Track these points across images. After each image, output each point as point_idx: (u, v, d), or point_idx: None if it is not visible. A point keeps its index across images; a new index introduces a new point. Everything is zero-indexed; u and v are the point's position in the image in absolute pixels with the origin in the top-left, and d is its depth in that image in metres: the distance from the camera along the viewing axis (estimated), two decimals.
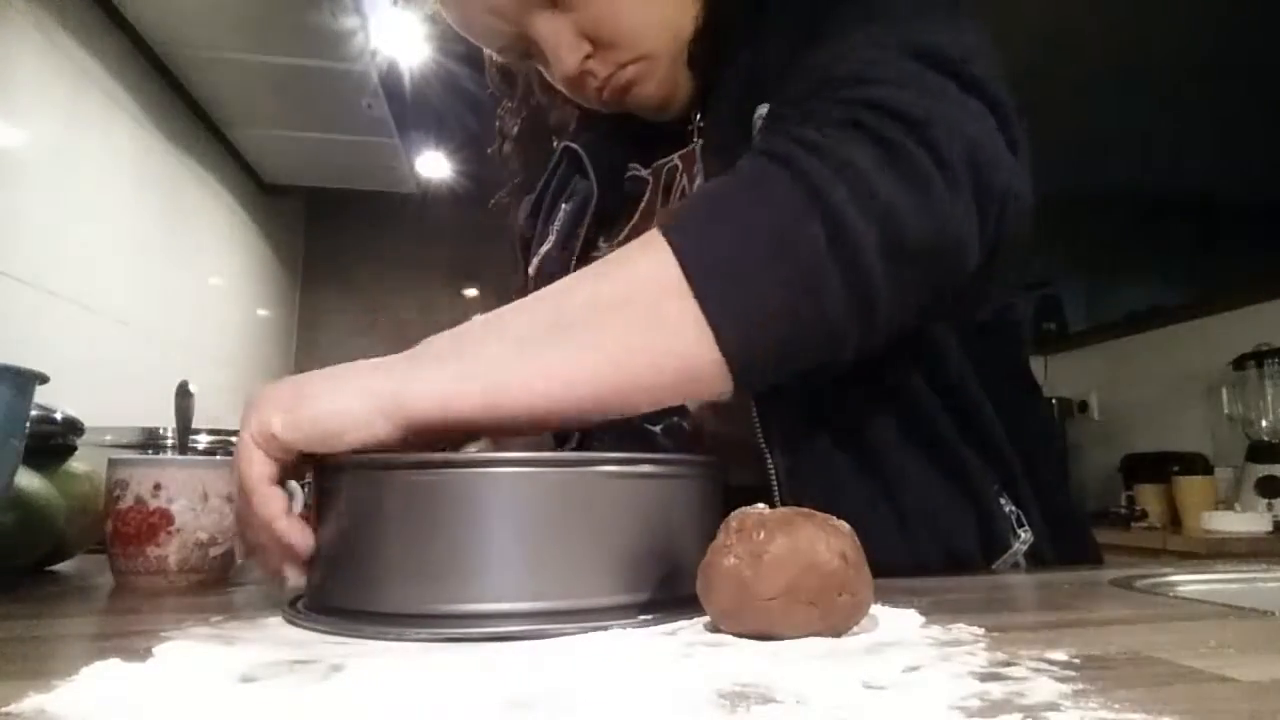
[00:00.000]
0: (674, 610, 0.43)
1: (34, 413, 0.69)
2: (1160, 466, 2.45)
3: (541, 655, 0.35)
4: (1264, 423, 2.31)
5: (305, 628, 0.41)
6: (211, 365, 2.68)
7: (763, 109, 0.57)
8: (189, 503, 0.57)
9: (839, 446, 0.60)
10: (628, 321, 0.44)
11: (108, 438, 1.37)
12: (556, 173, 0.83)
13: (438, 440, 0.45)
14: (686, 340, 0.44)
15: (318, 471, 0.46)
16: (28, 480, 0.61)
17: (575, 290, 0.47)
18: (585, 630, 0.39)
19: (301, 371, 0.47)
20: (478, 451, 0.50)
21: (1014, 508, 0.63)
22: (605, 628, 0.39)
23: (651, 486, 0.44)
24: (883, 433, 0.60)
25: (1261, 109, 3.13)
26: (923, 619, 0.42)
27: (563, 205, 0.80)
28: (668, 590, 0.43)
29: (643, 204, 0.74)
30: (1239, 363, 2.41)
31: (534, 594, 0.40)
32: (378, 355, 0.48)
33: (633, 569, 0.42)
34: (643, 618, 0.41)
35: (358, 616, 0.41)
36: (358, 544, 0.42)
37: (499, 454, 0.41)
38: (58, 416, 0.70)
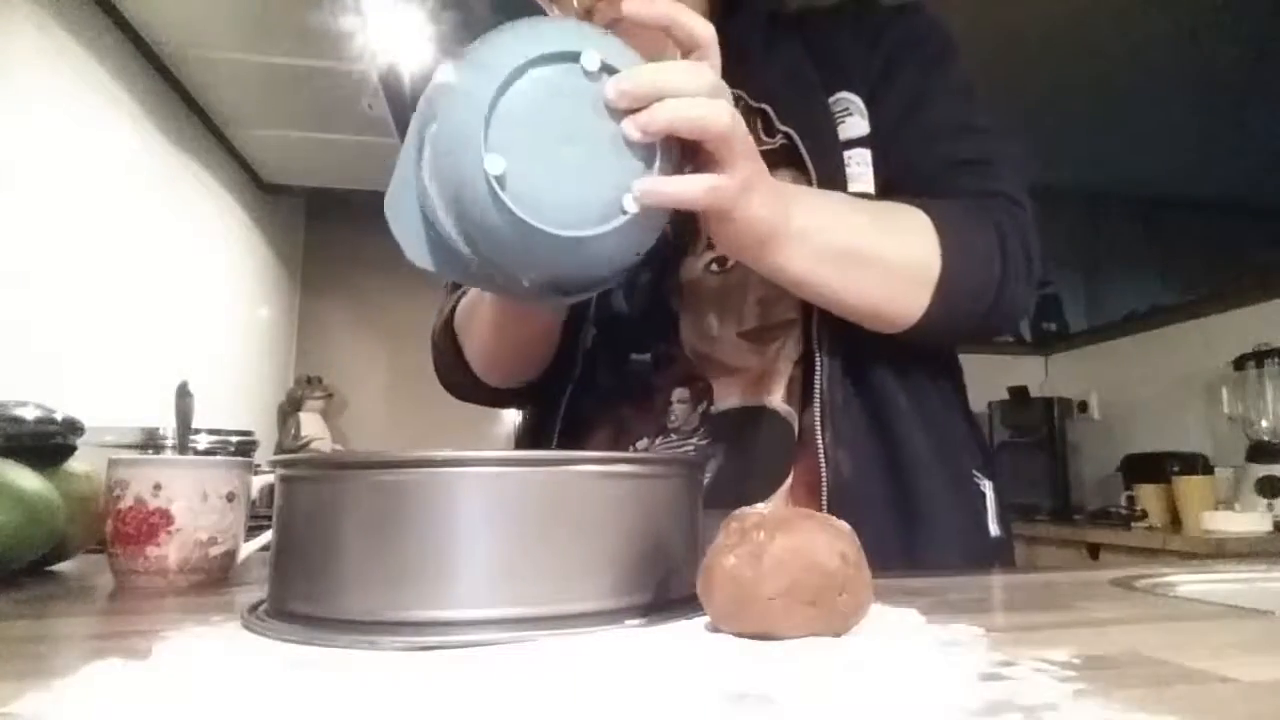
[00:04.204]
0: (667, 613, 0.42)
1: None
2: (1160, 466, 2.45)
3: (534, 660, 0.35)
4: (1264, 423, 2.31)
5: (270, 636, 0.39)
6: (211, 365, 2.68)
7: (848, 95, 0.75)
8: (189, 503, 0.57)
9: (884, 371, 0.72)
10: (903, 277, 0.65)
11: (108, 438, 1.37)
12: None
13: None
14: (922, 300, 0.65)
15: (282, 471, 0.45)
16: (28, 480, 0.61)
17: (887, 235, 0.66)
18: (576, 634, 0.38)
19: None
20: None
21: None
22: (591, 633, 0.39)
23: (630, 486, 0.43)
24: (920, 379, 0.73)
25: (1262, 109, 3.13)
26: (923, 619, 0.42)
27: None
28: (659, 593, 0.43)
29: None
30: (1239, 363, 2.41)
31: (514, 599, 0.39)
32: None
33: (616, 572, 0.41)
34: (629, 623, 0.41)
35: (326, 624, 0.39)
36: (328, 548, 0.41)
37: (470, 453, 0.40)
38: (58, 416, 0.70)
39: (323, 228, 3.65)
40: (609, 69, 0.48)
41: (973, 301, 0.67)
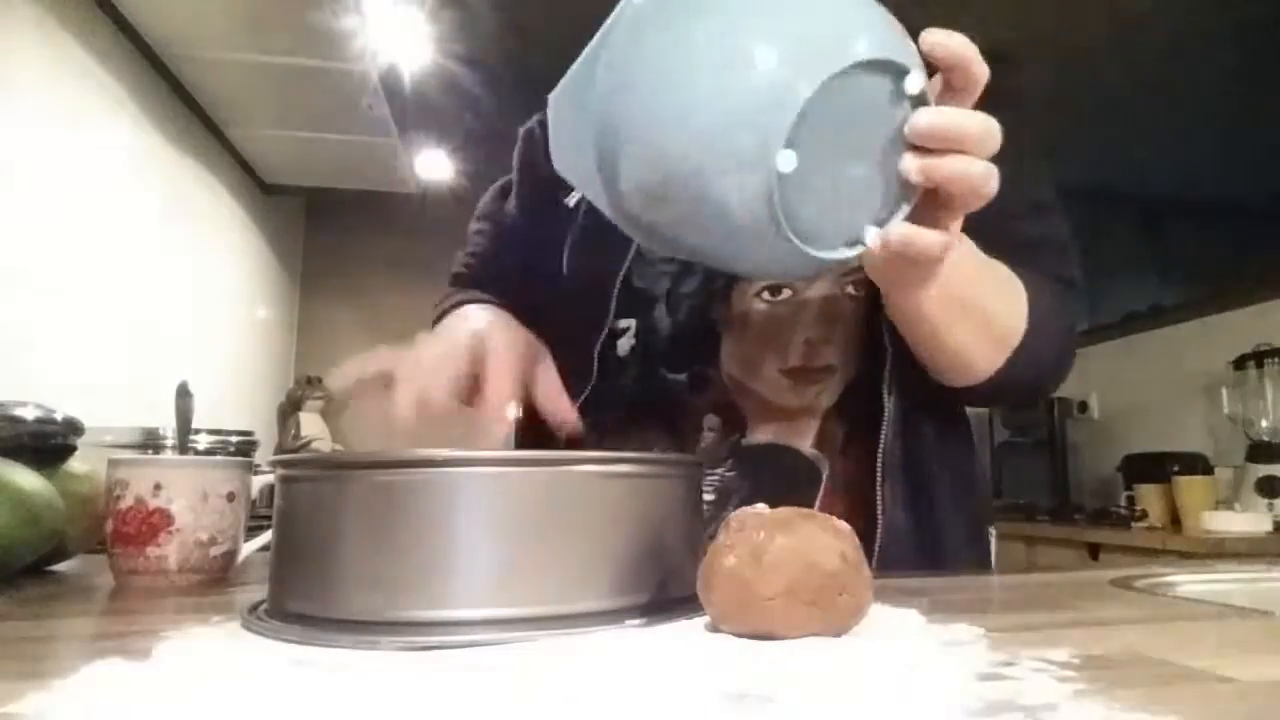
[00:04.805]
0: (666, 613, 0.42)
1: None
2: (1160, 466, 2.45)
3: (534, 660, 0.35)
4: (1264, 423, 2.31)
5: (270, 636, 0.39)
6: (211, 365, 2.68)
7: None
8: (189, 503, 0.57)
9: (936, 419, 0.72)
10: (994, 337, 0.65)
11: (108, 438, 1.37)
12: None
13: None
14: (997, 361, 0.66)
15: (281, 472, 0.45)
16: (28, 480, 0.61)
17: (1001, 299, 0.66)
18: (575, 634, 0.38)
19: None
20: None
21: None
22: (591, 633, 0.39)
23: (630, 486, 0.43)
24: (951, 435, 0.75)
25: (1262, 109, 3.13)
26: (923, 619, 0.42)
27: None
28: (659, 592, 0.43)
29: None
30: (1239, 363, 2.41)
31: (514, 599, 0.39)
32: None
33: (616, 572, 0.41)
34: (629, 623, 0.41)
35: (326, 624, 0.39)
36: (328, 548, 0.41)
37: (472, 453, 0.40)
38: (58, 416, 0.70)
39: (323, 228, 3.65)
40: (921, 99, 0.43)
41: (1032, 377, 0.69)
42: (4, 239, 1.60)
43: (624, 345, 0.77)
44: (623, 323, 0.77)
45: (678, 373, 0.75)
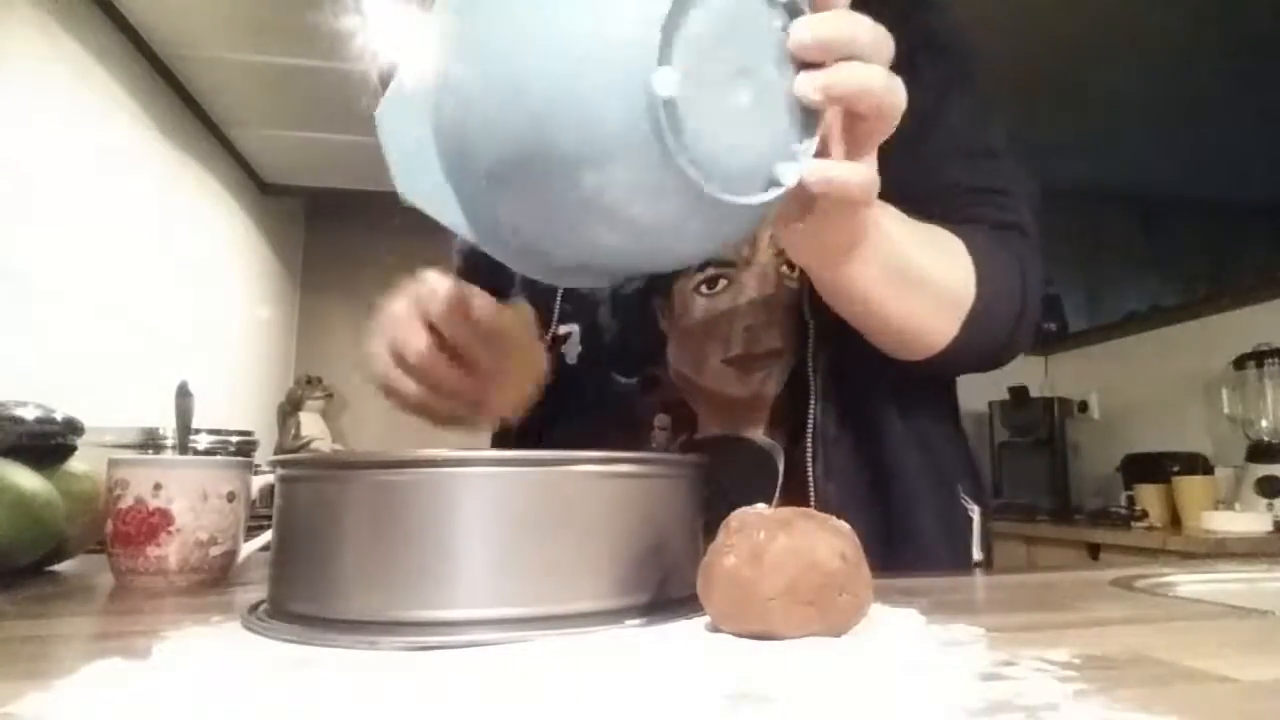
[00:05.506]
0: (667, 613, 0.42)
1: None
2: (1160, 466, 2.45)
3: (534, 660, 0.35)
4: (1264, 423, 2.31)
5: (270, 636, 0.39)
6: (211, 365, 2.68)
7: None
8: (189, 503, 0.57)
9: (878, 397, 0.70)
10: (939, 302, 0.62)
11: (108, 438, 1.37)
12: None
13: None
14: (951, 330, 0.63)
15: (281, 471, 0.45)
16: (28, 480, 0.61)
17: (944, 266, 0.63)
18: (575, 634, 0.39)
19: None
20: None
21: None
22: (591, 633, 0.39)
23: (631, 486, 0.43)
24: (915, 407, 0.71)
25: (1262, 109, 3.13)
26: (923, 619, 0.42)
27: None
28: (659, 593, 0.43)
29: None
30: (1239, 363, 2.41)
31: (514, 599, 0.39)
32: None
33: (616, 572, 0.41)
34: (629, 623, 0.41)
35: (326, 624, 0.39)
36: (328, 548, 0.41)
37: (472, 453, 0.40)
38: (58, 416, 0.70)
39: (323, 228, 3.65)
40: (794, 7, 0.39)
41: (993, 337, 0.65)
42: (4, 239, 1.60)
43: (571, 353, 0.76)
44: (563, 328, 0.76)
45: (628, 376, 0.75)
